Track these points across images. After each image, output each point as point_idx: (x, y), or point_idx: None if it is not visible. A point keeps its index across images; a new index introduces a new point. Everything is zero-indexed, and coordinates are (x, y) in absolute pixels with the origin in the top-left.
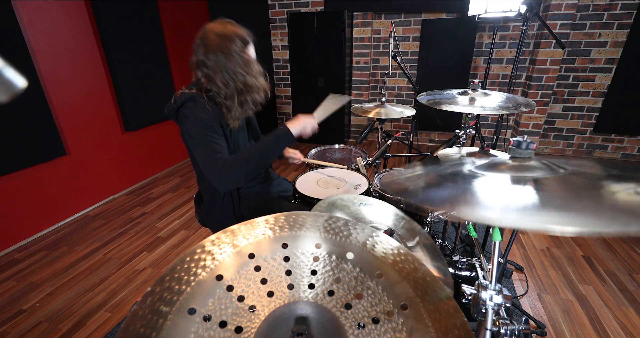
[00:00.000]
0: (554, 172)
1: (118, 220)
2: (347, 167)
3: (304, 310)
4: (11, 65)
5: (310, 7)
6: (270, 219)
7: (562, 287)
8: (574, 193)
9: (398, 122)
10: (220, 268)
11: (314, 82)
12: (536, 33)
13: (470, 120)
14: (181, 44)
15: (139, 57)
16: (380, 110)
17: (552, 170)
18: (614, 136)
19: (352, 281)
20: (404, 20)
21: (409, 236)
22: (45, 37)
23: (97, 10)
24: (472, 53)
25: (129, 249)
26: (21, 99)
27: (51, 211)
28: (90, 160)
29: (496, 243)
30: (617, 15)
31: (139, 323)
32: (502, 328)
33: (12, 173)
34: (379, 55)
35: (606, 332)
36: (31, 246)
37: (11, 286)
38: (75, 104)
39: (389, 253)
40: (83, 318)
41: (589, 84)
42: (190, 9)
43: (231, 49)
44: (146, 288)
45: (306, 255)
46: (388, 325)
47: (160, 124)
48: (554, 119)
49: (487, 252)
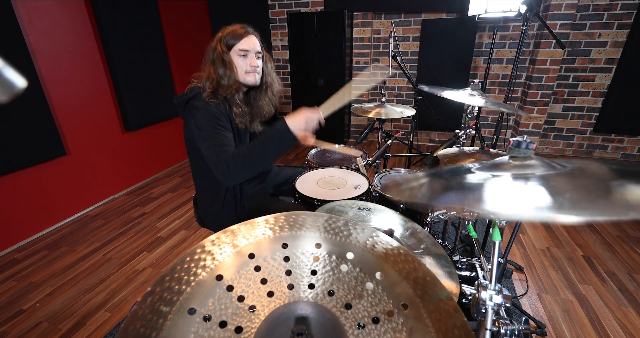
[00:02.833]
0: (557, 169)
1: (118, 220)
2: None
3: (304, 310)
4: (11, 65)
5: (310, 7)
6: (270, 219)
7: (562, 287)
8: (583, 188)
9: (398, 122)
10: (220, 268)
11: (314, 82)
12: (536, 33)
13: (470, 120)
14: (181, 44)
15: (139, 57)
16: (380, 110)
17: (554, 168)
18: (614, 136)
19: (352, 281)
20: (404, 20)
21: (416, 244)
22: (45, 37)
23: (97, 10)
24: (472, 53)
25: (129, 249)
26: (21, 99)
27: (51, 211)
28: (90, 160)
29: (496, 243)
30: (617, 15)
31: (139, 323)
32: (502, 328)
33: (12, 173)
34: (379, 55)
35: (606, 332)
36: (31, 246)
37: (11, 286)
38: (75, 104)
39: (389, 253)
40: (83, 318)
41: (589, 84)
42: (190, 9)
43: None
44: (146, 288)
45: (306, 255)
46: (388, 325)
47: (160, 124)
48: (554, 119)
49: (487, 252)
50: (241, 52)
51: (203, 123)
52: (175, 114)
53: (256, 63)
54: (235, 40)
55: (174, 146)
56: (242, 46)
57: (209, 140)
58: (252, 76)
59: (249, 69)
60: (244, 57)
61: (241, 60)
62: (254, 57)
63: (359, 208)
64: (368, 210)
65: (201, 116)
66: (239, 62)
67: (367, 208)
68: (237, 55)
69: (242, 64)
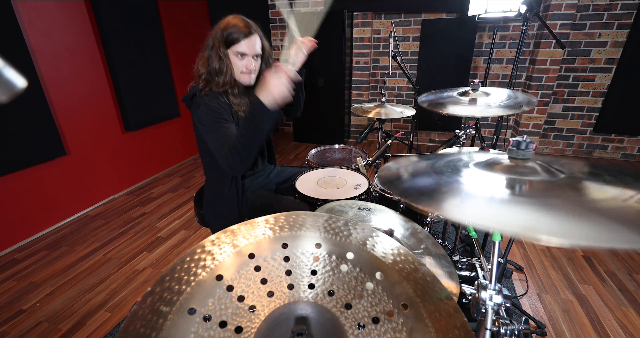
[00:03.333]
0: (555, 176)
1: (118, 220)
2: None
3: (304, 310)
4: (11, 65)
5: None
6: (270, 219)
7: (562, 287)
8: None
9: (398, 122)
10: (220, 268)
11: (314, 82)
12: (536, 33)
13: (470, 120)
14: (181, 44)
15: (139, 57)
16: (380, 110)
17: (553, 174)
18: (614, 136)
19: (352, 281)
20: (404, 20)
21: (416, 244)
22: (45, 37)
23: (97, 10)
24: (472, 53)
25: (129, 249)
26: (21, 99)
27: (51, 211)
28: (90, 160)
29: (496, 243)
30: (617, 15)
31: (139, 323)
32: (502, 328)
33: (12, 173)
34: (379, 55)
35: (606, 332)
36: (31, 246)
37: (11, 286)
38: (75, 104)
39: (389, 253)
40: (83, 318)
41: (589, 84)
42: (190, 9)
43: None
44: (146, 288)
45: (306, 255)
46: (388, 325)
47: (160, 124)
48: (554, 119)
49: (487, 252)
50: (239, 54)
51: (205, 118)
52: (175, 114)
53: (252, 67)
54: (235, 40)
55: (174, 146)
56: (240, 49)
57: (212, 134)
58: (247, 77)
59: (244, 70)
60: (241, 58)
61: (238, 60)
62: (251, 59)
63: (359, 208)
64: (368, 210)
65: (202, 112)
66: (236, 61)
67: (367, 208)
68: (234, 55)
69: (238, 64)
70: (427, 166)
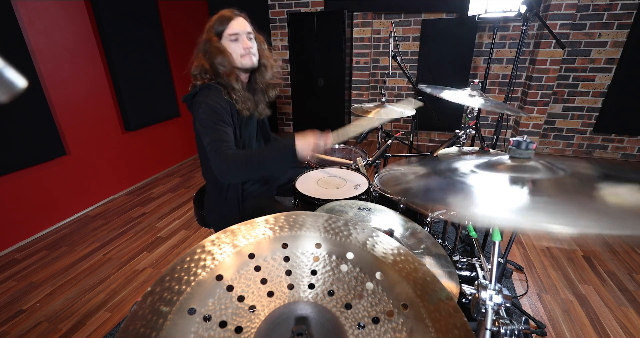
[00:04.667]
0: (558, 174)
1: (118, 220)
2: (350, 164)
3: (304, 310)
4: (11, 65)
5: (310, 7)
6: (270, 219)
7: (562, 287)
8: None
9: (398, 122)
10: (220, 268)
11: (314, 82)
12: (536, 33)
13: (470, 120)
14: (181, 44)
15: (139, 57)
16: (380, 110)
17: (555, 172)
18: (614, 136)
19: (352, 281)
20: (404, 20)
21: (416, 244)
22: (45, 37)
23: (97, 10)
24: (472, 53)
25: (129, 249)
26: (21, 99)
27: (51, 211)
28: (90, 160)
29: (496, 243)
30: (617, 15)
31: (139, 323)
32: (502, 328)
33: (12, 173)
34: (379, 55)
35: (606, 332)
36: (31, 246)
37: (11, 286)
38: (75, 104)
39: (389, 253)
40: (83, 318)
41: (589, 84)
42: (190, 9)
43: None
44: (146, 288)
45: (306, 255)
46: (388, 325)
47: (160, 124)
48: (554, 119)
49: (487, 252)
50: (232, 36)
51: (204, 118)
52: (175, 114)
53: (249, 44)
54: (223, 26)
55: (174, 146)
56: (231, 30)
57: (210, 136)
58: (248, 58)
59: (243, 52)
60: (235, 42)
61: (234, 45)
62: (245, 39)
63: (359, 208)
64: (368, 210)
65: (202, 112)
66: (232, 47)
67: (367, 208)
68: (229, 40)
69: (235, 48)
70: (441, 169)
